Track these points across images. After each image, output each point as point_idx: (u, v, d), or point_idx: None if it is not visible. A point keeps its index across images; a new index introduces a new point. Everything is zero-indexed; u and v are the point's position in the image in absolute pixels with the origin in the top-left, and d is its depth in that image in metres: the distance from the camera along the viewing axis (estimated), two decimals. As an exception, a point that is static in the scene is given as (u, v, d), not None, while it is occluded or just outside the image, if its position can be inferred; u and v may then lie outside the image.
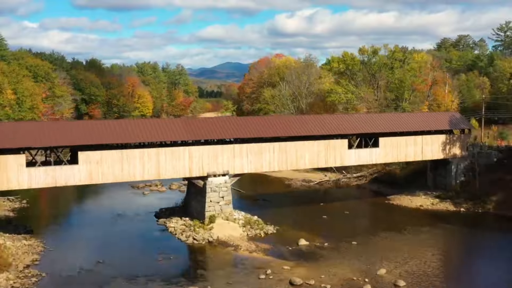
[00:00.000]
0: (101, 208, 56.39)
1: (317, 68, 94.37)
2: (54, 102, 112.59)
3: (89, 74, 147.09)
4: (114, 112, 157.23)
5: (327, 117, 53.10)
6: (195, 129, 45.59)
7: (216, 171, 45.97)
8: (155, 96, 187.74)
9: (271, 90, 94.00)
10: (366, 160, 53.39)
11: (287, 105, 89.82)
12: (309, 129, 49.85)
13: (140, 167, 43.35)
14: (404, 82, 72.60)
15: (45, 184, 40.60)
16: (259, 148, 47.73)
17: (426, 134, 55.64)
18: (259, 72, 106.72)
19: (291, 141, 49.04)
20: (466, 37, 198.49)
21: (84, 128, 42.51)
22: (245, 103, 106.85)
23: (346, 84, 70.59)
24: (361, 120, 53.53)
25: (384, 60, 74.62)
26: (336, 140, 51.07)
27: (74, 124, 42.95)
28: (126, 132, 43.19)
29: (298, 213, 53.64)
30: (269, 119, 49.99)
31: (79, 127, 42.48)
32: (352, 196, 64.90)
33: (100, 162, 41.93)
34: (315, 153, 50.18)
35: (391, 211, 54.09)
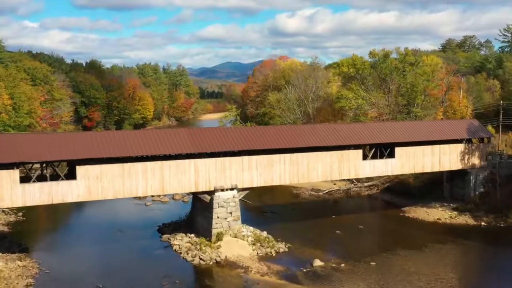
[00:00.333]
0: (102, 221, 53.46)
1: (324, 71, 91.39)
2: (53, 105, 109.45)
3: (88, 76, 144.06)
4: (114, 114, 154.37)
5: (340, 126, 50.19)
6: (201, 141, 42.69)
7: (223, 185, 43.05)
8: (156, 98, 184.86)
9: (276, 94, 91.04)
10: (381, 172, 50.45)
11: (293, 110, 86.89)
12: (322, 139, 46.94)
13: (143, 182, 40.44)
14: (416, 86, 69.65)
15: (40, 201, 37.70)
16: (269, 160, 44.82)
17: (444, 144, 52.71)
18: (263, 75, 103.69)
19: (303, 152, 46.12)
20: (472, 37, 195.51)
21: (83, 140, 39.56)
22: (249, 107, 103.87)
23: (357, 89, 67.66)
24: (376, 129, 50.59)
25: (395, 63, 71.62)
26: (350, 150, 48.16)
27: (72, 136, 39.97)
28: (128, 144, 40.28)
29: (309, 227, 50.65)
30: (280, 129, 47.04)
31: (77, 140, 39.51)
32: (364, 207, 62.04)
33: (99, 177, 39.01)
34: (328, 164, 47.27)
35: (408, 225, 51.14)
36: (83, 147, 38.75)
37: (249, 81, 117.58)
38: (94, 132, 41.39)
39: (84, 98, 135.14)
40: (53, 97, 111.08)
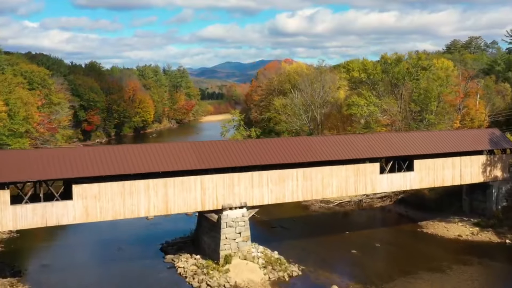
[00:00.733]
0: (101, 237, 50.19)
1: (331, 75, 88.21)
2: (51, 110, 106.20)
3: (88, 79, 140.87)
4: (114, 118, 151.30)
5: (355, 137, 46.95)
6: (207, 155, 39.48)
7: (232, 203, 39.84)
8: (157, 100, 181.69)
9: (282, 99, 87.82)
10: (399, 186, 47.25)
11: (299, 115, 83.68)
12: (337, 152, 43.73)
13: (145, 201, 37.23)
14: (430, 92, 66.41)
15: (33, 224, 34.48)
16: (280, 175, 41.62)
17: (465, 155, 49.50)
18: (268, 79, 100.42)
19: (317, 167, 42.91)
20: (477, 38, 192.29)
21: (79, 156, 36.31)
22: (253, 111, 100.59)
23: (368, 95, 64.45)
24: (393, 140, 47.36)
25: (408, 67, 68.40)
26: (366, 164, 44.95)
27: (68, 152, 36.72)
28: (129, 160, 37.08)
29: (322, 245, 47.44)
30: (291, 142, 43.81)
31: (74, 156, 36.27)
32: (378, 221, 58.87)
33: (98, 197, 35.81)
34: (343, 179, 44.07)
35: (427, 243, 47.89)
36: (80, 164, 35.54)
37: (253, 84, 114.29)
38: (92, 147, 38.12)
39: (83, 101, 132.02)
40: (51, 101, 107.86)
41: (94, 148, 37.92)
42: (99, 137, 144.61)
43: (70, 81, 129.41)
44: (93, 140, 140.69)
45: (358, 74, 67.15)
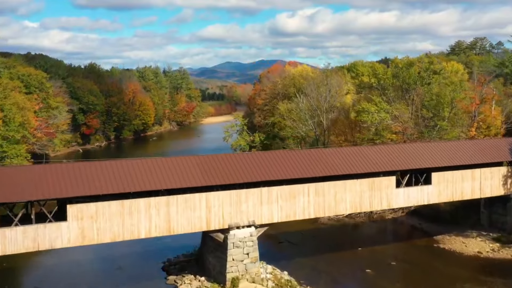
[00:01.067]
0: (99, 255, 47.29)
1: (338, 78, 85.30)
2: (49, 114, 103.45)
3: (87, 81, 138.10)
4: (113, 121, 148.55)
5: (369, 149, 44.07)
6: (213, 170, 36.63)
7: (239, 222, 37.02)
8: (157, 102, 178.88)
9: (287, 104, 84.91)
10: (416, 201, 44.35)
11: (305, 121, 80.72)
12: (350, 165, 40.90)
13: (146, 222, 34.40)
14: (442, 97, 63.52)
15: (24, 248, 31.64)
16: (291, 191, 38.78)
17: (485, 167, 46.63)
18: (271, 82, 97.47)
19: (329, 181, 40.10)
20: (483, 39, 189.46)
21: (75, 173, 33.46)
22: (256, 116, 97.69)
23: (379, 101, 61.57)
24: (410, 152, 44.51)
25: (419, 71, 65.54)
26: (381, 177, 42.11)
27: (62, 168, 33.85)
28: (128, 177, 34.24)
29: (334, 263, 44.59)
30: (302, 154, 40.95)
31: (68, 172, 33.43)
32: (390, 234, 56.04)
33: (95, 217, 32.98)
34: (358, 194, 41.23)
35: (446, 260, 45.01)
36: (75, 182, 32.71)
37: (256, 88, 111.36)
38: (88, 163, 35.27)
39: (82, 104, 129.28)
40: (48, 105, 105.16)
41: (91, 163, 35.09)
42: (98, 140, 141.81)
43: (68, 84, 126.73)
44: (92, 144, 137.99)
45: (368, 79, 64.29)
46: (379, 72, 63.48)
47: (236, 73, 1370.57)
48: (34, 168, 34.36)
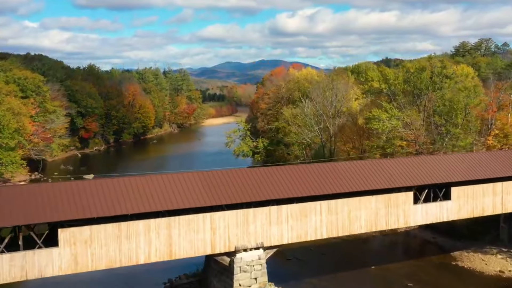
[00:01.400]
0: (95, 274, 44.21)
1: (344, 82, 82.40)
2: (46, 118, 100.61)
3: (85, 84, 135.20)
4: (113, 124, 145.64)
5: (385, 162, 41.16)
6: (218, 189, 33.72)
7: (247, 244, 34.13)
8: (157, 104, 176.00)
9: (291, 109, 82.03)
10: (435, 218, 41.41)
11: (311, 126, 77.83)
12: (365, 180, 38.01)
13: (145, 245, 31.50)
14: (456, 103, 60.59)
15: (10, 278, 28.73)
16: (302, 209, 35.90)
17: (507, 180, 43.73)
18: (275, 86, 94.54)
19: (343, 198, 37.22)
20: (488, 40, 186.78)
21: (67, 193, 30.52)
22: (259, 120, 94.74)
23: (390, 108, 58.65)
24: (428, 164, 41.60)
25: (431, 76, 62.61)
26: (398, 193, 39.22)
27: (52, 189, 30.91)
28: (126, 197, 31.34)
29: (346, 283, 41.69)
30: (314, 169, 38.02)
31: (60, 193, 30.47)
32: (403, 249, 53.17)
33: (89, 242, 30.08)
34: (373, 212, 38.36)
35: (466, 281, 42.06)
36: (67, 204, 29.80)
37: (259, 91, 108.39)
38: (82, 182, 32.32)
39: (80, 108, 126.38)
40: (45, 109, 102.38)
41: (84, 182, 32.15)
42: (97, 144, 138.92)
43: (67, 87, 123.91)
44: (91, 148, 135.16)
45: (378, 85, 61.42)
46: (390, 77, 60.58)
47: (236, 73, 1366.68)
48: (22, 189, 31.39)
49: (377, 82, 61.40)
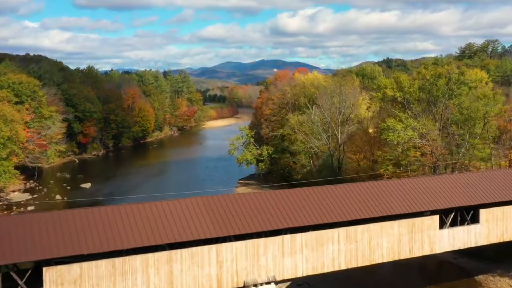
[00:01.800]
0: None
1: (353, 85, 78.77)
2: (41, 124, 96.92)
3: (83, 87, 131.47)
4: (112, 128, 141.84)
5: (407, 182, 37.44)
6: (224, 216, 30.05)
7: (257, 278, 30.42)
8: (157, 108, 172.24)
9: (297, 116, 78.35)
10: (463, 243, 37.68)
11: (318, 134, 74.14)
12: (387, 203, 34.35)
13: (143, 284, 27.78)
14: (474, 112, 56.93)
15: (-13, 326, 25.07)
16: (318, 238, 32.21)
17: (539, 200, 40.01)
18: (279, 91, 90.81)
19: (363, 224, 33.55)
20: (495, 42, 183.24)
21: (54, 225, 26.81)
22: (263, 127, 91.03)
23: (405, 117, 54.95)
24: (454, 184, 37.92)
25: (448, 83, 58.88)
26: (423, 217, 35.54)
27: (37, 220, 27.18)
28: (121, 228, 27.63)
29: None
30: (329, 191, 34.32)
31: (46, 225, 26.76)
32: (421, 271, 49.32)
33: (79, 281, 26.37)
34: (396, 238, 34.67)
35: (495, 311, 38.46)
36: (53, 238, 26.11)
37: (263, 96, 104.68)
38: (71, 211, 28.56)
39: (78, 112, 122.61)
40: (41, 115, 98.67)
41: (74, 211, 28.40)
42: (96, 149, 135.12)
43: (64, 91, 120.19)
44: (89, 153, 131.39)
45: (392, 92, 57.72)
46: (404, 84, 56.91)
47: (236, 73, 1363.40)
48: (5, 220, 27.64)
49: (390, 90, 57.63)
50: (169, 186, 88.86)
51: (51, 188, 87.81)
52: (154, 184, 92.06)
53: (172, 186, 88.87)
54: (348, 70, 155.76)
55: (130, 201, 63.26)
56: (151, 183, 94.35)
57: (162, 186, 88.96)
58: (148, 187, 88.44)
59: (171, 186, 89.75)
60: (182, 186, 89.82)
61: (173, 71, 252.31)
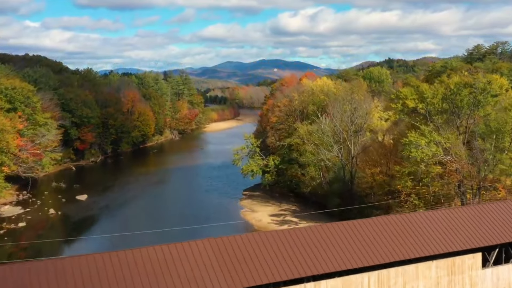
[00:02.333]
0: None
1: (364, 92, 73.94)
2: (36, 132, 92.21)
3: (81, 91, 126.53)
4: (110, 133, 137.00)
5: (443, 214, 32.61)
6: (235, 261, 25.26)
7: (275, 336, 25.63)
8: (157, 111, 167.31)
9: (306, 125, 73.56)
10: (508, 283, 32.86)
11: (329, 145, 69.35)
12: (423, 241, 29.56)
13: None
14: (502, 125, 52.20)
15: None
16: (344, 284, 27.43)
17: None
18: (286, 97, 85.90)
19: (396, 266, 28.78)
20: (504, 43, 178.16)
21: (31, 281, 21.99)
22: (269, 135, 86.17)
23: (429, 131, 50.13)
24: (495, 215, 33.14)
25: (473, 93, 54.13)
26: (464, 255, 30.75)
27: (19, 272, 22.39)
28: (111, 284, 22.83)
29: None
30: (356, 227, 29.51)
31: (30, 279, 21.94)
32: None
33: None
34: (434, 282, 29.91)
35: None
36: None
37: (268, 103, 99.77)
38: (61, 261, 23.66)
39: (75, 118, 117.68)
40: (35, 122, 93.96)
41: (63, 261, 23.53)
42: (93, 155, 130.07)
43: (60, 95, 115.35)
44: (86, 160, 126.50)
45: (414, 103, 52.87)
46: (427, 95, 52.09)
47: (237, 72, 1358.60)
48: None
49: (411, 101, 52.76)
50: (169, 201, 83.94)
51: (45, 200, 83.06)
52: (153, 197, 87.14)
53: (172, 201, 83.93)
54: (355, 73, 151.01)
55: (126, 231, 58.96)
56: (150, 195, 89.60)
57: (162, 200, 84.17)
58: (146, 200, 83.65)
59: (172, 200, 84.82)
60: (183, 200, 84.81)
61: (174, 71, 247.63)
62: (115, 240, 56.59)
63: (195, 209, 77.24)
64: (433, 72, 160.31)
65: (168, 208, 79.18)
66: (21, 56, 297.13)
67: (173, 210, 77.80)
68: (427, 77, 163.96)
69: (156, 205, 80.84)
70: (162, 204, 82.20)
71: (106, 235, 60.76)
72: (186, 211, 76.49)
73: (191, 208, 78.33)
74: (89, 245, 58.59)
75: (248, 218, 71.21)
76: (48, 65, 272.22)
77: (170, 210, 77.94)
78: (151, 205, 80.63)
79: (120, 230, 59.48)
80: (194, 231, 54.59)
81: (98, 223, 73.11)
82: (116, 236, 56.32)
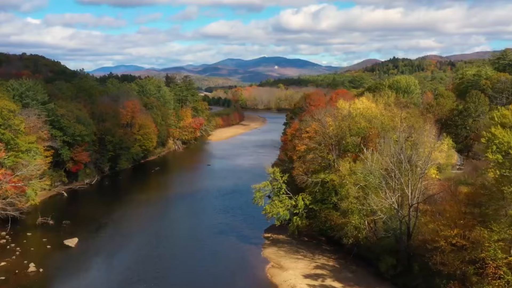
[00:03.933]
0: None
1: (418, 119, 59.20)
2: (17, 160, 77.85)
3: (73, 106, 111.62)
4: (108, 150, 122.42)
5: None
6: None
7: None
8: (160, 122, 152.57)
9: (350, 163, 58.94)
10: None
11: (381, 190, 54.80)
12: None
13: None
14: None
15: None
16: None
17: None
18: (317, 122, 70.87)
19: None
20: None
21: None
22: (296, 166, 71.26)
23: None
24: None
25: None
26: None
27: None
28: None
29: None
30: None
31: None
32: None
33: None
34: None
35: None
36: None
37: (294, 126, 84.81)
38: None
39: (67, 136, 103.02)
40: (17, 147, 79.54)
41: None
42: (88, 175, 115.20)
43: (50, 111, 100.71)
44: (80, 181, 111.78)
45: None
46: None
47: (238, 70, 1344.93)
48: None
49: None
50: (175, 249, 68.75)
51: (26, 247, 68.47)
52: (155, 243, 72.08)
53: (178, 248, 68.80)
54: (380, 83, 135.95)
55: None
56: (151, 237, 74.85)
57: (165, 248, 69.13)
58: (147, 249, 68.62)
59: (177, 247, 69.57)
60: (191, 248, 69.46)
61: (174, 68, 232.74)
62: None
63: (206, 262, 62.70)
64: (464, 80, 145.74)
65: (174, 262, 64.31)
66: (17, 56, 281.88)
67: (180, 266, 63.13)
68: (457, 85, 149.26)
69: (157, 256, 66.02)
70: (165, 252, 67.44)
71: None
72: (195, 267, 61.82)
73: (201, 261, 63.67)
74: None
75: (277, 280, 56.74)
76: (46, 64, 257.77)
77: (176, 266, 63.21)
78: (151, 257, 65.67)
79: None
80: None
81: (87, 284, 58.60)
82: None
